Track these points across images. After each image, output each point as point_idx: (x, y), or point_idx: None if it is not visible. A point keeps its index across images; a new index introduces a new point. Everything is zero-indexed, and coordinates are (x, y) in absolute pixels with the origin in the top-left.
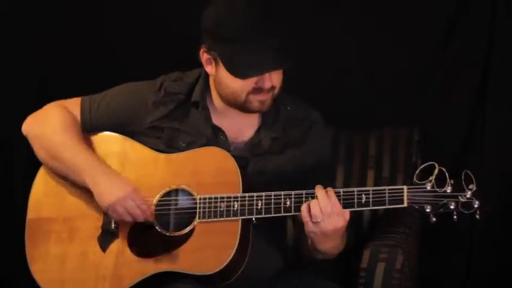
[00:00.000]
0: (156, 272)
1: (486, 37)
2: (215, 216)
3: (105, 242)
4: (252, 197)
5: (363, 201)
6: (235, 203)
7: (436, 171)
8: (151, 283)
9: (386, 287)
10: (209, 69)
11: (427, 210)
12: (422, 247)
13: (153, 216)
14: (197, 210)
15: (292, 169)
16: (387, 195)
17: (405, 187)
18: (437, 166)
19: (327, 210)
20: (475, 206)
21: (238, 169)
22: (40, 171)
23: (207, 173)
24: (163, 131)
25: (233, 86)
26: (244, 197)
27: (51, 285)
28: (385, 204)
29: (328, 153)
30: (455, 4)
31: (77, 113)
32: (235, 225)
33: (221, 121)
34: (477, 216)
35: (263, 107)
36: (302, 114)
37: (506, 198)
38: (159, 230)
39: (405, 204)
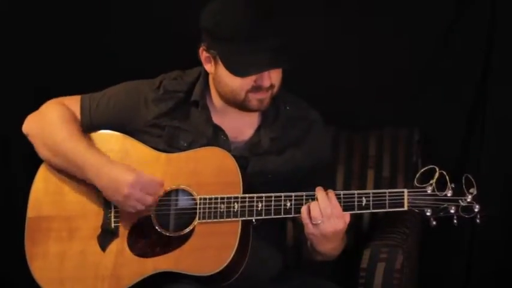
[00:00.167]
0: (155, 272)
1: (486, 37)
2: (215, 217)
3: (104, 241)
4: (252, 198)
5: (363, 203)
6: (235, 204)
7: (436, 174)
8: (150, 283)
9: (386, 287)
10: (208, 68)
11: (428, 213)
12: (422, 247)
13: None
14: (197, 211)
15: (292, 169)
16: (387, 198)
17: (405, 190)
18: (438, 170)
19: (327, 212)
20: (476, 210)
21: (239, 169)
22: (40, 170)
23: (207, 173)
24: (163, 130)
25: (232, 84)
26: (245, 198)
27: (50, 284)
28: (385, 207)
29: (328, 153)
30: (455, 4)
31: (77, 111)
32: (235, 226)
33: (221, 120)
34: (477, 220)
35: (262, 106)
36: (302, 113)
37: (507, 198)
38: (159, 230)
39: (405, 208)
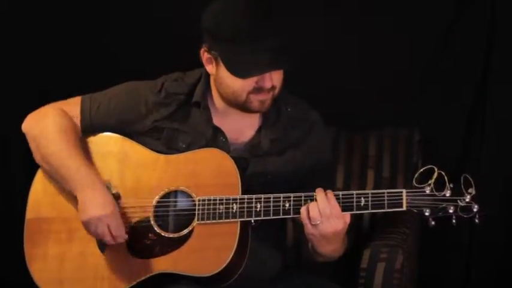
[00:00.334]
0: (154, 273)
1: (486, 37)
2: (214, 218)
3: (103, 242)
4: (251, 199)
5: (362, 204)
6: (234, 205)
7: (435, 175)
8: (149, 284)
9: (386, 287)
10: (210, 69)
11: (426, 214)
12: (422, 247)
13: (124, 240)
14: (196, 212)
15: (292, 170)
16: (386, 198)
17: (404, 191)
18: (437, 170)
19: (326, 213)
20: (474, 210)
21: (238, 171)
22: (39, 171)
23: (206, 175)
24: (163, 132)
25: (233, 85)
26: (243, 199)
27: (49, 285)
28: (384, 208)
29: (328, 154)
30: (455, 4)
31: (77, 112)
32: (234, 227)
33: (222, 121)
34: (476, 220)
35: (263, 107)
36: (302, 115)
37: (506, 198)
38: (158, 231)
39: (404, 208)
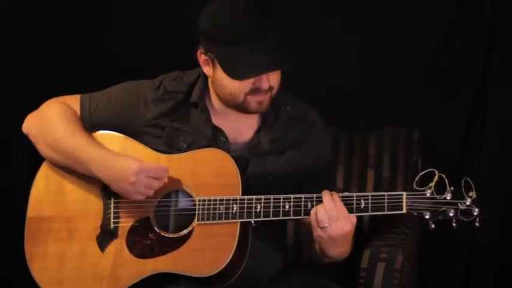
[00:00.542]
0: (154, 273)
1: (486, 37)
2: (214, 218)
3: (104, 242)
4: (251, 200)
5: (362, 206)
6: (234, 206)
7: (435, 177)
8: (149, 284)
9: (386, 287)
10: (207, 70)
11: (426, 217)
12: (422, 247)
13: (167, 173)
14: (196, 212)
15: (292, 170)
16: (386, 201)
17: (404, 193)
18: (437, 173)
19: (333, 215)
20: (475, 213)
21: (238, 171)
22: (41, 170)
23: (207, 175)
24: (163, 130)
25: (231, 87)
26: (243, 200)
27: (49, 284)
28: (384, 210)
29: (328, 154)
30: (455, 4)
31: (77, 110)
32: (234, 228)
33: (221, 122)
34: (476, 223)
35: (261, 108)
36: (302, 114)
37: (506, 198)
38: (158, 231)
39: (404, 211)
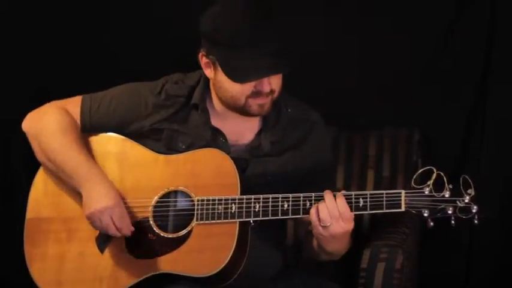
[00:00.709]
0: (153, 273)
1: (486, 37)
2: (213, 218)
3: (103, 243)
4: (250, 200)
5: (361, 205)
6: (233, 205)
7: (434, 175)
8: (149, 284)
9: (386, 287)
10: (208, 73)
11: (425, 214)
12: (422, 247)
13: (130, 232)
14: (195, 212)
15: (293, 170)
16: (385, 199)
17: (403, 191)
18: (436, 171)
19: (335, 214)
20: (473, 211)
21: (237, 171)
22: (40, 171)
23: (205, 175)
24: (162, 133)
25: (232, 90)
26: (242, 200)
27: (49, 286)
28: (383, 209)
29: (328, 155)
30: (455, 4)
31: (77, 112)
32: (233, 227)
33: (221, 124)
34: (475, 221)
35: (263, 111)
36: (303, 115)
37: (506, 198)
38: (157, 231)
39: (403, 209)
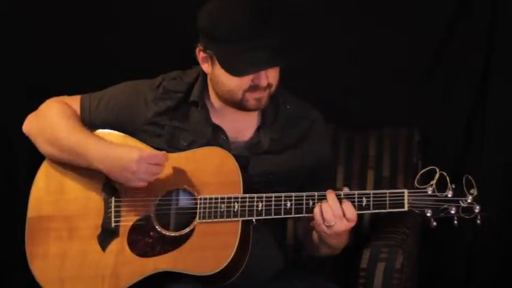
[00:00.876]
0: (155, 271)
1: (486, 37)
2: (215, 217)
3: (105, 240)
4: (253, 198)
5: (364, 204)
6: (236, 204)
7: (437, 175)
8: (151, 283)
9: (386, 287)
10: (205, 68)
11: (428, 214)
12: (422, 247)
13: (167, 159)
14: (197, 211)
15: (293, 168)
16: (388, 198)
17: (406, 191)
18: (438, 170)
19: (339, 214)
20: (476, 210)
21: (239, 169)
22: (41, 170)
23: (208, 173)
24: (163, 129)
25: (229, 84)
26: (245, 198)
27: (50, 284)
28: (386, 208)
29: (328, 152)
30: (455, 4)
31: (77, 107)
32: (236, 226)
33: (220, 120)
34: (478, 221)
35: (260, 105)
36: (302, 113)
37: (506, 198)
38: (159, 229)
39: (406, 208)
